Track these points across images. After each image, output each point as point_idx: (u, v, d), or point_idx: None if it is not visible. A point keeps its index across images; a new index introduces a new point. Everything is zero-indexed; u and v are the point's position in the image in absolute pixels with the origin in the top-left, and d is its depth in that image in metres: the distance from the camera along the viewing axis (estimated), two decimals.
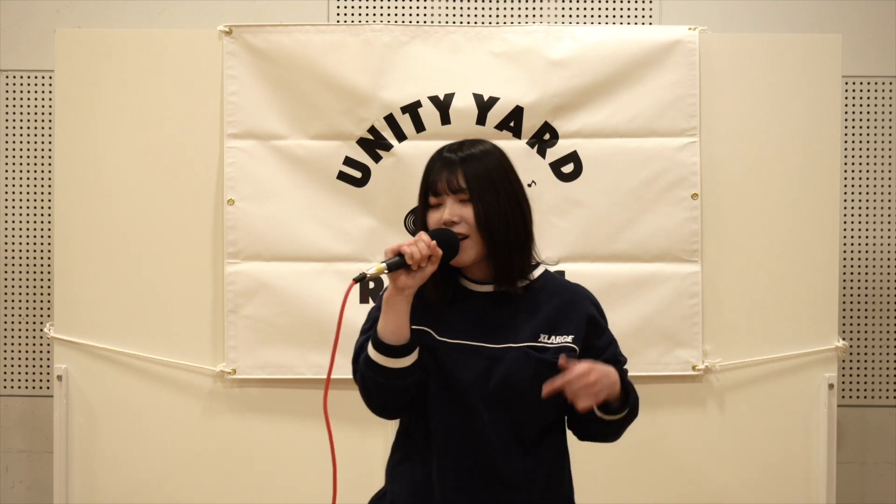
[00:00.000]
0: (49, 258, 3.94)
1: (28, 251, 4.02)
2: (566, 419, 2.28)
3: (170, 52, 3.59)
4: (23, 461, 4.03)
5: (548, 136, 3.56)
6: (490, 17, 4.00)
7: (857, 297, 4.02)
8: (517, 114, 3.54)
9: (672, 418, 3.59)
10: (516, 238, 2.19)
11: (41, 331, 3.97)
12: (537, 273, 2.25)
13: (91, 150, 3.58)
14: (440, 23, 3.97)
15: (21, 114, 4.01)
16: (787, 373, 3.59)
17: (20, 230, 4.02)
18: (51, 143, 3.92)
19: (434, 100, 3.53)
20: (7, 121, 4.01)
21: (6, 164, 4.01)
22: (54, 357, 3.60)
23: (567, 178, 3.57)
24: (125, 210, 3.59)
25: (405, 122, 3.54)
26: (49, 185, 3.95)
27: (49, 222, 3.95)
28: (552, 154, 3.56)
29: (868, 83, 4.01)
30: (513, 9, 4.00)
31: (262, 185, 3.55)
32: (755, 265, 3.59)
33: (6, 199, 4.02)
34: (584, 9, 4.00)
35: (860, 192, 4.01)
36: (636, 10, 4.00)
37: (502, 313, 2.20)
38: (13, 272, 4.02)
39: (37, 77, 4.00)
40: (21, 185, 4.01)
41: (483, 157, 2.20)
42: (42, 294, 4.01)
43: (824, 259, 3.58)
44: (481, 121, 3.54)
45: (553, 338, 2.18)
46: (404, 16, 4.00)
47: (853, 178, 4.00)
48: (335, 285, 3.49)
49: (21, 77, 4.01)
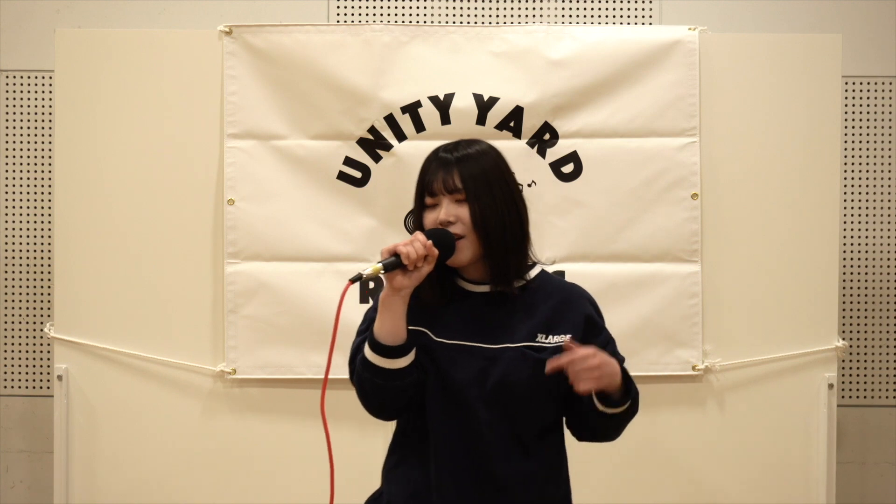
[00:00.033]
0: (49, 258, 3.94)
1: (28, 251, 4.02)
2: (565, 420, 2.28)
3: (170, 52, 3.59)
4: (23, 461, 4.03)
5: (548, 136, 3.56)
6: (490, 17, 4.00)
7: (857, 297, 4.02)
8: (517, 114, 3.54)
9: (672, 418, 3.59)
10: (512, 238, 2.18)
11: (41, 331, 3.97)
12: (534, 273, 2.25)
13: (91, 150, 3.58)
14: (440, 23, 3.96)
15: (21, 114, 4.01)
16: (787, 373, 3.59)
17: (20, 230, 4.02)
18: (51, 143, 3.92)
19: (434, 100, 3.53)
20: (7, 121, 4.01)
21: (6, 164, 4.01)
22: (54, 357, 3.60)
23: (567, 178, 3.57)
24: (125, 210, 3.59)
25: (405, 122, 3.54)
26: (49, 185, 3.95)
27: (49, 222, 3.95)
28: (552, 154, 3.56)
29: (868, 83, 4.01)
30: (513, 9, 4.00)
31: (262, 185, 3.55)
32: (755, 265, 3.59)
33: (6, 199, 4.02)
34: (584, 9, 4.00)
35: (860, 192, 4.01)
36: (636, 10, 4.00)
37: (499, 313, 2.20)
38: (13, 272, 4.02)
39: (37, 77, 4.00)
40: (21, 185, 4.01)
41: (479, 157, 2.20)
42: (42, 294, 4.01)
43: (824, 259, 3.58)
44: (481, 121, 3.54)
45: (550, 337, 2.17)
46: (404, 16, 4.00)
47: (853, 178, 4.00)
48: (335, 285, 3.49)
49: (21, 77, 4.01)
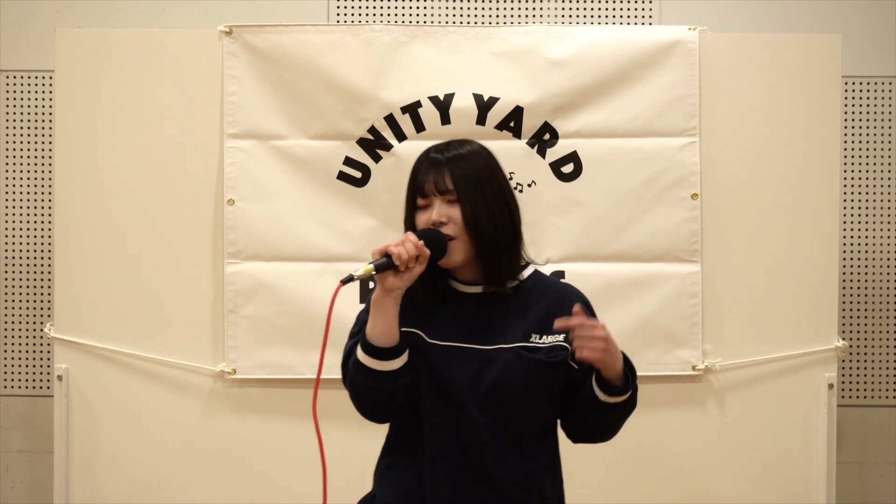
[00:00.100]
0: (49, 258, 3.94)
1: (28, 251, 4.02)
2: (560, 421, 2.26)
3: (170, 52, 3.59)
4: (23, 461, 4.03)
5: (548, 136, 3.56)
6: (490, 17, 4.00)
7: (857, 297, 4.02)
8: (517, 114, 3.54)
9: (672, 418, 3.59)
10: (504, 238, 2.17)
11: (41, 331, 3.97)
12: (527, 273, 2.24)
13: (91, 150, 3.58)
14: (440, 23, 3.96)
15: (21, 114, 4.01)
16: (787, 373, 3.59)
17: (20, 230, 4.02)
18: (51, 143, 3.92)
19: (434, 100, 3.53)
20: (7, 121, 4.01)
21: (6, 164, 4.01)
22: (54, 357, 3.60)
23: (567, 178, 3.56)
24: (125, 210, 3.59)
25: (405, 122, 3.54)
26: (49, 185, 3.95)
27: (49, 222, 3.95)
28: (552, 154, 3.56)
29: (868, 83, 4.00)
30: (513, 9, 4.00)
31: (262, 185, 3.55)
32: (755, 265, 3.59)
33: (6, 199, 4.02)
34: (584, 9, 4.00)
35: (860, 192, 4.01)
36: (636, 10, 4.00)
37: (492, 314, 2.18)
38: (13, 272, 4.02)
39: (37, 77, 4.00)
40: (21, 185, 4.01)
41: (470, 157, 2.19)
42: (42, 294, 4.01)
43: (824, 259, 3.58)
44: (481, 121, 3.54)
45: (545, 338, 2.16)
46: (404, 16, 4.00)
47: (853, 178, 4.00)
48: (335, 285, 3.47)
49: (21, 77, 4.01)
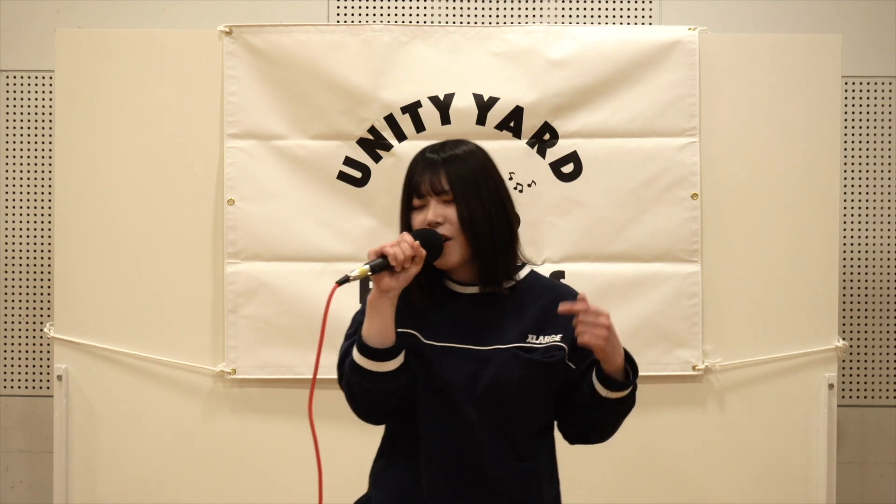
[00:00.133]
0: (49, 258, 3.94)
1: (28, 251, 4.02)
2: (557, 423, 2.26)
3: (170, 52, 3.59)
4: (23, 461, 4.03)
5: (548, 136, 3.56)
6: (490, 17, 4.00)
7: (857, 297, 4.02)
8: (517, 114, 3.54)
9: (672, 418, 3.59)
10: (501, 238, 2.17)
11: (41, 331, 3.97)
12: (523, 273, 2.24)
13: (91, 150, 3.58)
14: (440, 23, 3.96)
15: (21, 114, 4.01)
16: (787, 373, 3.59)
17: (20, 230, 4.02)
18: (51, 143, 3.92)
19: (434, 100, 3.53)
20: (7, 121, 4.01)
21: (6, 164, 4.01)
22: (54, 357, 3.60)
23: (567, 178, 3.56)
24: (125, 210, 3.59)
25: (405, 122, 3.54)
26: (49, 185, 3.95)
27: (49, 222, 3.95)
28: (552, 154, 3.56)
29: (868, 83, 4.00)
30: (513, 9, 4.00)
31: (262, 185, 3.55)
32: (755, 265, 3.59)
33: (6, 199, 4.01)
34: (584, 9, 4.00)
35: (860, 192, 4.01)
36: (636, 10, 4.00)
37: (489, 315, 2.18)
38: (13, 272, 4.02)
39: (37, 77, 4.00)
40: (21, 185, 4.01)
41: (466, 157, 2.18)
42: (42, 294, 4.01)
43: (824, 259, 3.58)
44: (481, 121, 3.54)
45: (541, 338, 2.16)
46: (404, 16, 4.00)
47: (853, 178, 4.00)
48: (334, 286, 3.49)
49: (21, 77, 4.01)
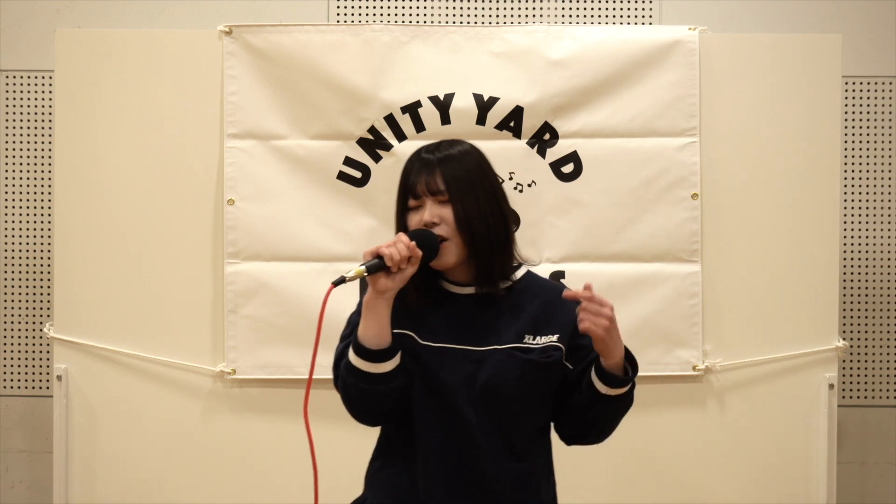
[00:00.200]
0: (49, 258, 3.94)
1: (28, 251, 4.02)
2: (553, 424, 2.26)
3: (170, 52, 3.59)
4: (23, 461, 4.03)
5: (548, 136, 3.56)
6: (490, 17, 4.00)
7: (857, 297, 4.02)
8: (517, 114, 3.54)
9: (672, 418, 3.59)
10: (497, 238, 2.16)
11: (41, 331, 3.96)
12: (519, 274, 2.23)
13: (91, 150, 3.58)
14: (440, 23, 3.96)
15: (21, 114, 4.01)
16: (787, 373, 3.59)
17: (20, 230, 4.02)
18: (51, 143, 3.92)
19: (434, 100, 3.53)
20: (7, 121, 4.01)
21: (6, 164, 4.01)
22: (54, 357, 3.60)
23: (567, 178, 3.57)
24: (125, 210, 3.59)
25: (405, 122, 3.54)
26: (49, 185, 3.95)
27: (49, 222, 3.95)
28: (552, 154, 3.56)
29: (868, 83, 4.00)
30: (513, 9, 4.00)
31: (262, 185, 3.55)
32: (755, 265, 3.59)
33: (6, 199, 4.01)
34: (584, 9, 4.00)
35: (860, 192, 4.01)
36: (636, 10, 4.00)
37: (485, 315, 2.18)
38: (13, 272, 4.02)
39: (37, 77, 4.00)
40: (21, 185, 4.01)
41: (461, 157, 2.18)
42: (42, 294, 4.01)
43: (824, 259, 3.58)
44: (481, 121, 3.54)
45: (538, 338, 2.16)
46: (404, 16, 4.00)
47: (853, 178, 4.00)
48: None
49: (21, 77, 4.01)
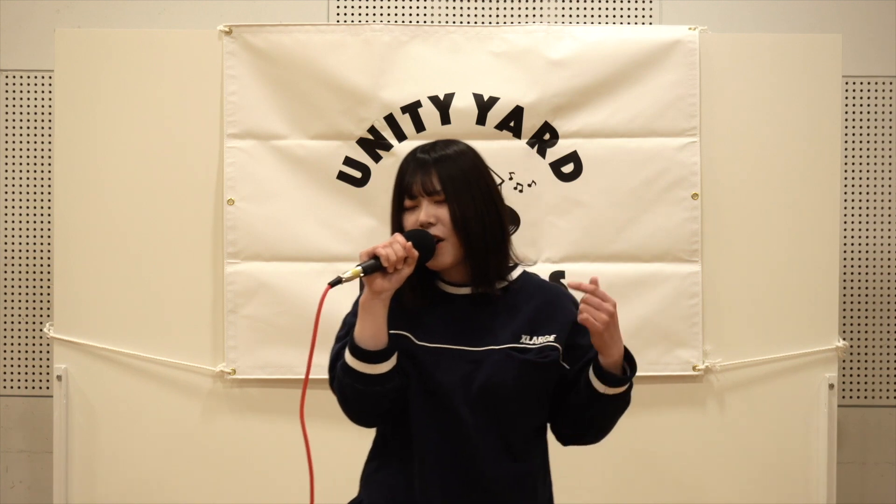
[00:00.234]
0: (49, 258, 3.94)
1: (28, 251, 4.02)
2: (550, 425, 2.26)
3: (170, 52, 3.59)
4: (23, 461, 4.03)
5: (548, 136, 3.56)
6: (490, 17, 4.00)
7: (857, 297, 4.02)
8: (517, 114, 3.54)
9: (672, 418, 3.59)
10: (493, 238, 2.16)
11: (41, 331, 3.96)
12: (515, 274, 2.23)
13: (91, 150, 3.58)
14: (440, 23, 3.96)
15: (21, 114, 4.01)
16: (787, 373, 3.59)
17: (20, 230, 4.02)
18: (51, 143, 3.92)
19: (434, 100, 3.53)
20: (7, 121, 4.01)
21: (6, 164, 4.01)
22: (54, 357, 3.60)
23: (567, 178, 3.56)
24: (125, 210, 3.59)
25: (405, 122, 3.54)
26: (49, 185, 3.95)
27: (49, 222, 3.95)
28: (552, 154, 3.56)
29: (868, 83, 4.00)
30: (513, 9, 4.00)
31: (262, 185, 3.55)
32: (755, 265, 3.59)
33: (6, 199, 4.01)
34: (584, 9, 4.00)
35: (860, 192, 4.01)
36: (636, 10, 4.00)
37: (481, 315, 2.17)
38: (13, 272, 4.02)
39: (37, 77, 4.00)
40: (21, 185, 4.01)
41: (457, 157, 2.18)
42: (42, 294, 4.01)
43: (824, 259, 3.58)
44: (481, 121, 3.54)
45: (535, 338, 2.15)
46: (404, 16, 4.00)
47: (853, 178, 4.00)
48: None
49: (21, 77, 4.01)
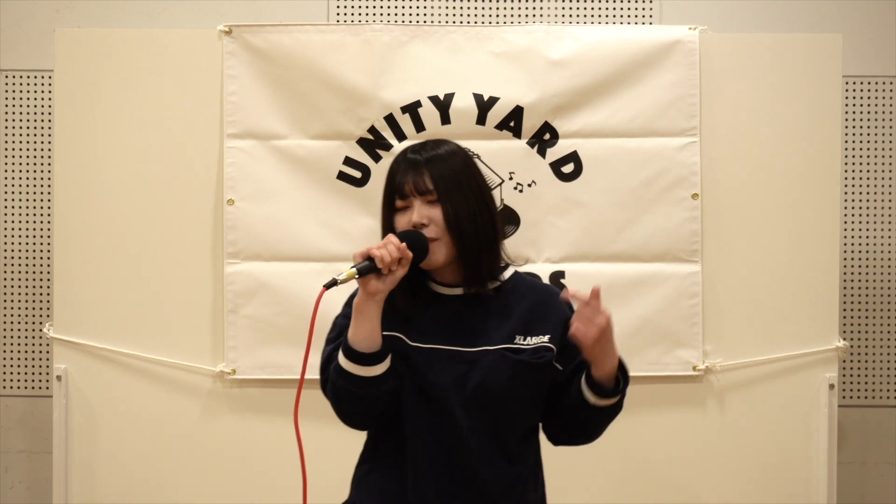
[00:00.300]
0: (49, 258, 3.94)
1: (28, 251, 4.02)
2: (542, 425, 2.25)
3: (170, 52, 3.59)
4: (23, 461, 4.03)
5: (548, 136, 3.56)
6: (490, 17, 4.00)
7: (857, 297, 4.02)
8: (517, 114, 3.54)
9: (672, 419, 3.59)
10: (485, 238, 2.15)
11: (41, 331, 3.96)
12: (507, 274, 2.23)
13: (91, 150, 3.58)
14: (440, 23, 3.96)
15: (21, 114, 4.01)
16: (787, 373, 3.58)
17: (20, 230, 4.02)
18: (51, 143, 3.92)
19: (434, 100, 3.53)
20: (7, 121, 4.01)
21: (6, 164, 4.01)
22: (54, 357, 3.60)
23: (567, 178, 3.56)
24: (125, 210, 3.59)
25: (405, 122, 3.54)
26: (49, 185, 3.95)
27: (49, 222, 3.95)
28: (552, 154, 3.56)
29: (868, 83, 4.00)
30: (513, 9, 3.99)
31: (262, 185, 3.55)
32: (755, 265, 3.59)
33: (6, 199, 4.01)
34: (584, 9, 4.00)
35: (860, 192, 4.01)
36: (636, 9, 4.00)
37: (474, 316, 2.17)
38: (13, 272, 4.02)
39: (37, 77, 4.00)
40: (21, 185, 4.01)
41: (448, 157, 2.17)
42: (42, 294, 4.01)
43: (824, 259, 3.58)
44: (481, 121, 3.54)
45: (529, 339, 2.15)
46: (404, 16, 4.00)
47: (853, 178, 4.00)
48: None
49: (21, 77, 4.01)
